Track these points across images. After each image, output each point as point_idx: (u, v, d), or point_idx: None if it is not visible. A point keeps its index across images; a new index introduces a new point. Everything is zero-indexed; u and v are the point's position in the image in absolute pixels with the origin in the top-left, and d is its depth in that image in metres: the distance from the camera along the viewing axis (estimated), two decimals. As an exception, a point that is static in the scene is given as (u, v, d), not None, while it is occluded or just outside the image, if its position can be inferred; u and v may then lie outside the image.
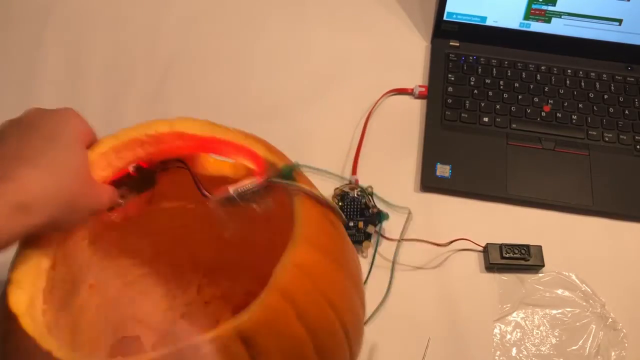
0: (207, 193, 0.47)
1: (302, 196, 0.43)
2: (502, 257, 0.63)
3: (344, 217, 0.48)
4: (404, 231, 0.65)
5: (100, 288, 0.52)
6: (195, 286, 0.60)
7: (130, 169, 0.47)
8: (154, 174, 0.49)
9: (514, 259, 0.63)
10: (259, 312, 0.36)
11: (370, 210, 0.65)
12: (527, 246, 0.64)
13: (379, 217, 0.65)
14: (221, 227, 0.49)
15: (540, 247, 0.64)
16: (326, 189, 0.67)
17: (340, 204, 0.65)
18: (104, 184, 0.44)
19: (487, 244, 0.64)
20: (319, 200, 0.44)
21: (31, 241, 0.40)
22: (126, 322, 0.55)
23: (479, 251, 0.65)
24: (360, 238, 0.64)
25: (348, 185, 0.67)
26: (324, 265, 0.41)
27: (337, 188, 0.66)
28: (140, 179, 0.48)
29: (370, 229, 0.64)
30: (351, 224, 0.64)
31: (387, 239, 0.65)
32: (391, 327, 0.61)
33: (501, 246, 0.64)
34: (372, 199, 0.66)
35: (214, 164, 0.51)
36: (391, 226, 0.66)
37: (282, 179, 0.44)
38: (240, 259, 0.56)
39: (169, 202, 0.54)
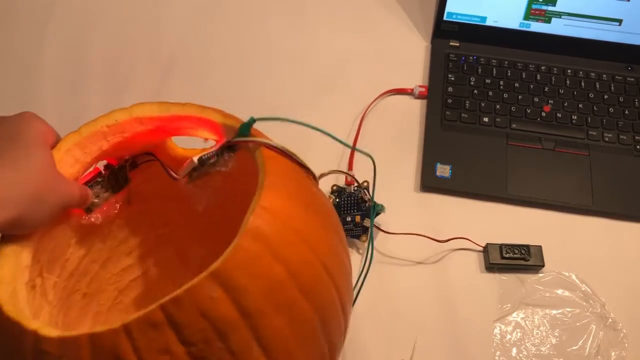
0: (174, 174, 0.48)
1: (263, 149, 0.44)
2: (502, 257, 0.63)
3: (309, 167, 0.48)
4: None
5: (95, 296, 0.52)
6: (152, 262, 0.59)
7: (101, 168, 0.48)
8: (125, 171, 0.49)
9: (514, 259, 0.63)
10: (231, 254, 0.36)
11: (366, 204, 0.65)
12: (527, 246, 0.64)
13: (373, 208, 0.65)
14: (194, 202, 0.50)
15: (540, 247, 0.64)
16: (324, 185, 0.67)
17: (337, 200, 0.66)
18: (73, 180, 0.45)
19: (487, 244, 0.64)
20: (281, 151, 0.45)
21: (8, 240, 0.40)
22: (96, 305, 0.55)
23: (479, 251, 0.65)
24: (357, 232, 0.64)
25: (344, 178, 0.67)
26: (294, 207, 0.41)
27: (334, 184, 0.67)
28: (113, 178, 0.49)
29: (367, 222, 0.64)
30: (348, 218, 0.64)
31: (383, 231, 0.65)
32: (391, 327, 0.61)
33: (501, 246, 0.64)
34: (368, 193, 0.66)
35: (182, 152, 0.51)
36: (390, 221, 0.66)
37: (241, 136, 0.45)
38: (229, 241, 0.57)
39: (148, 202, 0.54)
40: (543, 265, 0.64)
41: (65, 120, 0.73)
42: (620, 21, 0.75)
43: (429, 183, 0.69)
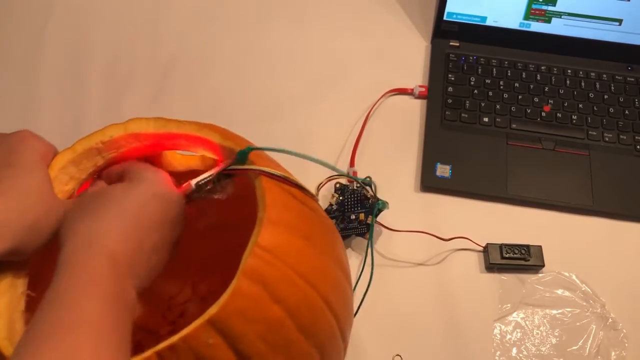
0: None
1: (262, 178, 0.42)
2: (503, 257, 0.63)
3: (312, 192, 0.47)
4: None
5: None
6: (190, 283, 0.59)
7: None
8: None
9: (514, 259, 0.63)
10: (228, 299, 0.36)
11: (370, 201, 0.65)
12: (527, 246, 0.64)
13: (376, 205, 0.64)
14: (193, 220, 0.49)
15: (540, 247, 0.64)
16: (327, 184, 0.67)
17: (341, 197, 0.65)
18: (66, 200, 0.43)
19: (487, 244, 0.64)
20: (282, 179, 0.43)
21: (2, 267, 0.39)
22: None
23: (479, 251, 0.65)
24: (362, 230, 0.64)
25: (347, 178, 0.67)
26: (293, 242, 0.40)
27: (338, 182, 0.66)
28: None
29: (370, 219, 0.64)
30: (352, 216, 0.64)
31: (387, 228, 0.65)
32: (391, 326, 0.61)
33: (501, 246, 0.64)
34: (371, 189, 0.65)
35: (180, 159, 0.50)
36: (390, 221, 0.65)
37: (238, 163, 0.44)
38: (229, 250, 0.56)
39: None
40: (543, 265, 0.64)
41: (65, 121, 0.73)
42: (620, 21, 0.75)
43: (429, 183, 0.69)
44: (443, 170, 0.69)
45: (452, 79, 0.76)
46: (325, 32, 0.82)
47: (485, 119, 0.73)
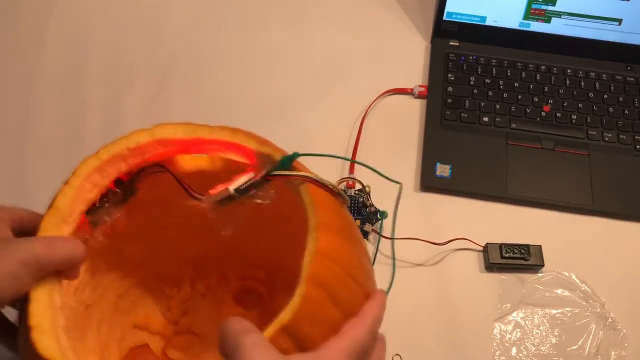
0: (198, 195, 0.46)
1: (308, 184, 0.43)
2: (502, 257, 0.63)
3: (347, 197, 0.48)
4: (396, 223, 0.65)
5: (97, 307, 0.51)
6: (189, 282, 0.59)
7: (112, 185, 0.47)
8: (134, 183, 0.48)
9: (514, 259, 0.63)
10: (300, 305, 0.37)
11: (368, 209, 0.65)
12: (527, 246, 0.64)
13: (377, 215, 0.65)
14: (218, 226, 0.49)
15: (540, 247, 0.64)
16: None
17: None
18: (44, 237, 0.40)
19: (487, 243, 0.64)
20: (323, 184, 0.44)
21: (38, 284, 0.39)
22: (129, 333, 0.55)
23: (479, 251, 0.65)
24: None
25: (346, 183, 0.67)
26: (343, 245, 0.42)
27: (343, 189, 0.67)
28: (123, 192, 0.47)
29: (368, 227, 0.64)
30: None
31: (385, 237, 0.65)
32: (391, 326, 0.61)
33: (501, 246, 0.64)
34: (370, 198, 0.66)
35: (189, 160, 0.49)
36: (387, 225, 0.66)
37: (281, 169, 0.44)
38: (225, 247, 0.57)
39: (148, 206, 0.53)
40: (543, 265, 0.64)
41: (65, 121, 0.73)
42: (620, 21, 0.75)
43: (429, 183, 0.69)
44: (443, 170, 0.69)
45: (452, 79, 0.76)
46: (325, 32, 0.82)
47: (485, 119, 0.73)
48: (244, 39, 0.81)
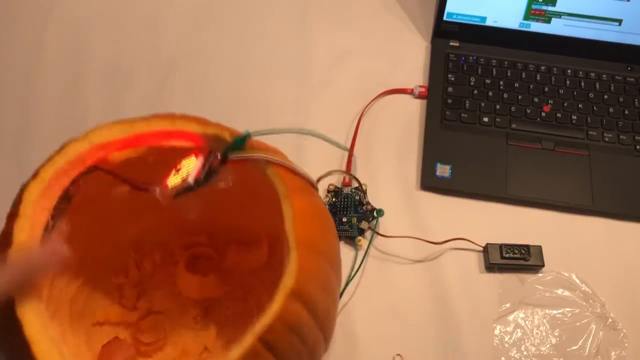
0: (156, 189, 0.45)
1: (274, 166, 0.45)
2: (502, 257, 0.63)
3: (309, 176, 0.49)
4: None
5: (55, 319, 0.50)
6: (133, 265, 0.59)
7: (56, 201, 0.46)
8: (68, 192, 0.46)
9: (514, 259, 0.63)
10: (297, 267, 0.39)
11: (364, 207, 0.65)
12: (527, 246, 0.64)
13: (373, 213, 0.65)
14: (184, 212, 0.49)
15: (540, 247, 0.64)
16: (321, 185, 0.67)
17: (334, 199, 0.66)
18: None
19: (487, 244, 0.64)
20: (288, 166, 0.46)
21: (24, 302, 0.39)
22: (92, 333, 0.54)
23: (479, 251, 0.65)
24: (353, 234, 0.64)
25: (342, 178, 0.68)
26: (312, 202, 0.45)
27: (331, 184, 0.67)
28: (63, 204, 0.46)
29: (364, 225, 0.65)
30: (344, 219, 0.65)
31: (381, 235, 0.65)
32: (391, 326, 0.61)
33: (501, 246, 0.64)
34: (366, 196, 0.66)
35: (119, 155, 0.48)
36: (390, 220, 0.66)
37: (235, 149, 0.44)
38: (161, 222, 0.57)
39: (81, 207, 0.50)
40: (543, 265, 0.64)
41: (65, 121, 0.73)
42: (620, 21, 0.75)
43: (429, 183, 0.69)
44: (443, 170, 0.70)
45: (452, 79, 0.76)
46: (326, 32, 0.82)
47: (485, 119, 0.73)
48: (244, 38, 0.81)
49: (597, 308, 0.62)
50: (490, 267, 0.64)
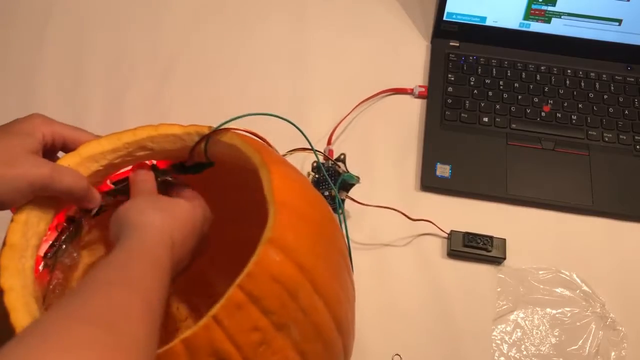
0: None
1: (249, 143, 0.46)
2: (465, 245, 0.64)
3: (271, 145, 0.51)
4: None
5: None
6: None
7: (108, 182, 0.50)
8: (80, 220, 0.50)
9: (476, 248, 0.64)
10: (277, 220, 0.40)
11: (340, 176, 0.64)
12: (491, 237, 0.64)
13: (345, 178, 0.63)
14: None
15: (504, 240, 0.65)
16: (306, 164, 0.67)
17: (317, 176, 0.65)
18: (56, 164, 0.45)
19: (452, 230, 0.65)
20: (262, 140, 0.49)
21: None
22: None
23: (445, 237, 0.66)
24: (334, 206, 0.62)
25: (322, 156, 0.68)
26: (289, 167, 0.47)
27: (314, 161, 0.65)
28: (74, 228, 0.49)
29: (343, 194, 0.64)
30: (326, 193, 0.63)
31: (357, 202, 0.64)
32: (391, 326, 0.61)
33: (464, 234, 0.64)
34: (345, 166, 0.65)
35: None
36: (390, 220, 0.66)
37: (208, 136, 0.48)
38: None
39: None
40: (504, 258, 0.64)
41: (65, 121, 0.73)
42: (620, 21, 0.75)
43: (429, 183, 0.69)
44: (443, 170, 0.70)
45: (452, 79, 0.76)
46: (326, 32, 0.82)
47: (485, 119, 0.73)
48: (243, 38, 0.81)
49: (597, 308, 0.62)
50: (452, 254, 0.64)
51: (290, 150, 0.64)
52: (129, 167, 0.51)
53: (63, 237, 0.47)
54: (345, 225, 0.60)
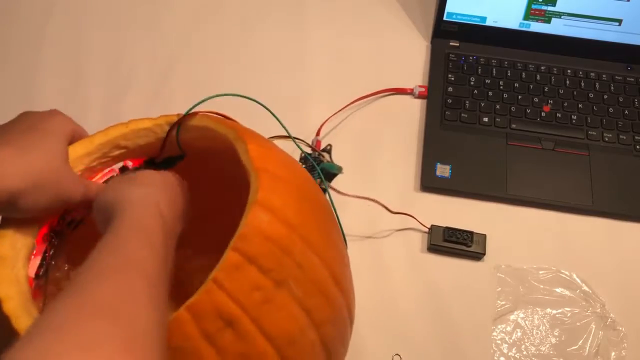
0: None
1: (226, 127, 0.47)
2: (445, 240, 0.64)
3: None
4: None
5: None
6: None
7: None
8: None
9: (456, 243, 0.64)
10: (262, 185, 0.40)
11: (321, 165, 0.65)
12: (471, 232, 0.64)
13: (324, 167, 0.64)
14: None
15: (484, 235, 0.65)
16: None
17: (304, 166, 0.65)
18: (86, 179, 0.47)
19: (432, 225, 0.65)
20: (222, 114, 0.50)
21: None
22: None
23: (425, 232, 0.66)
24: None
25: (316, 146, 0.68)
26: (263, 140, 0.48)
27: (303, 153, 0.66)
28: (58, 239, 0.49)
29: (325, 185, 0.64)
30: None
31: (338, 192, 0.65)
32: (391, 326, 0.61)
33: (445, 229, 0.64)
34: (330, 156, 0.65)
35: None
36: (390, 220, 0.66)
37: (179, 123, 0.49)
38: None
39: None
40: (484, 254, 0.64)
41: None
42: (620, 21, 0.75)
43: (429, 183, 0.69)
44: (443, 170, 0.70)
45: (452, 79, 0.76)
46: (326, 32, 0.82)
47: (485, 119, 0.73)
48: (244, 38, 0.81)
49: (597, 308, 0.62)
50: (432, 248, 0.65)
51: (271, 137, 0.65)
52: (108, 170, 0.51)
53: (50, 253, 0.47)
54: (336, 214, 0.60)
